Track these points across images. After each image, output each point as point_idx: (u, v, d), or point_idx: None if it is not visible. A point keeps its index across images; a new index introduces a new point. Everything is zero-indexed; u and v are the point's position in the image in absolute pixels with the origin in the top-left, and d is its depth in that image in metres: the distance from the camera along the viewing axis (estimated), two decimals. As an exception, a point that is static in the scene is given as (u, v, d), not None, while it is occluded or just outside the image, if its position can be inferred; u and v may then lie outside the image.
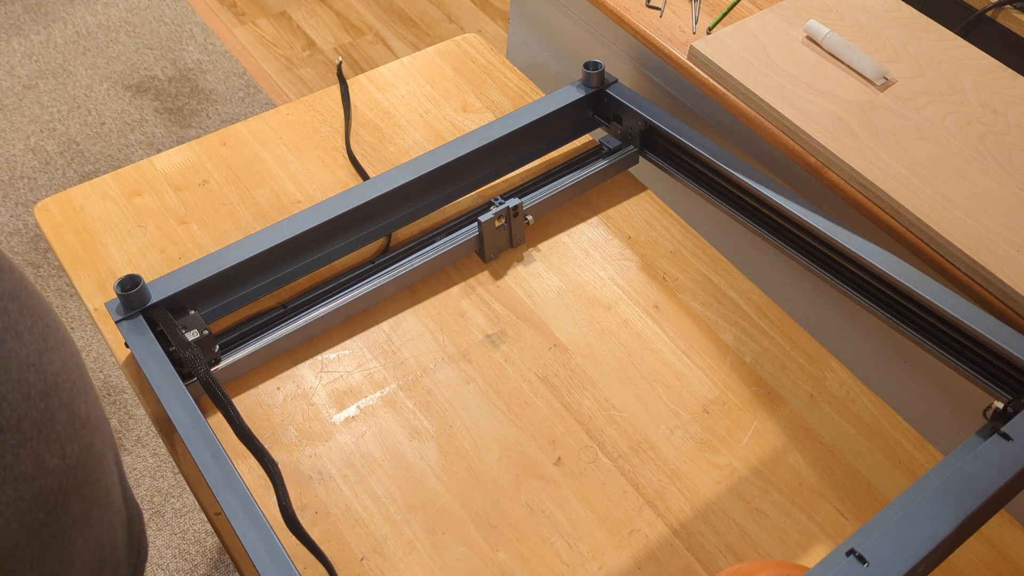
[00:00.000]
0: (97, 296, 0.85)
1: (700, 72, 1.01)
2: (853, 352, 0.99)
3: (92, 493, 0.47)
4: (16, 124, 2.02)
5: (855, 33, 1.03)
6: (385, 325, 0.85)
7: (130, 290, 0.75)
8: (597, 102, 0.97)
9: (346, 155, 0.99)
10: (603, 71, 0.95)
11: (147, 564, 1.42)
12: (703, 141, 0.89)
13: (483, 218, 0.86)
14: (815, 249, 0.84)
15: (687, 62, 1.02)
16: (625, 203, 0.96)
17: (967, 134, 0.92)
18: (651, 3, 1.09)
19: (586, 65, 0.95)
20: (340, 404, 0.79)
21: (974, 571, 0.71)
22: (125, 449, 1.53)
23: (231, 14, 2.34)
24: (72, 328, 1.68)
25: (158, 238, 0.90)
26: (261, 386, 0.80)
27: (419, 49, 1.34)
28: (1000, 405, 0.71)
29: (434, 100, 1.05)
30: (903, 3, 1.07)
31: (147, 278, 0.86)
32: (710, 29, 1.06)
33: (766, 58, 1.00)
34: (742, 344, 0.85)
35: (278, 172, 0.97)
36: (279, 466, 0.67)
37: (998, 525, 0.74)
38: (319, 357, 0.82)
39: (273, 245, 0.81)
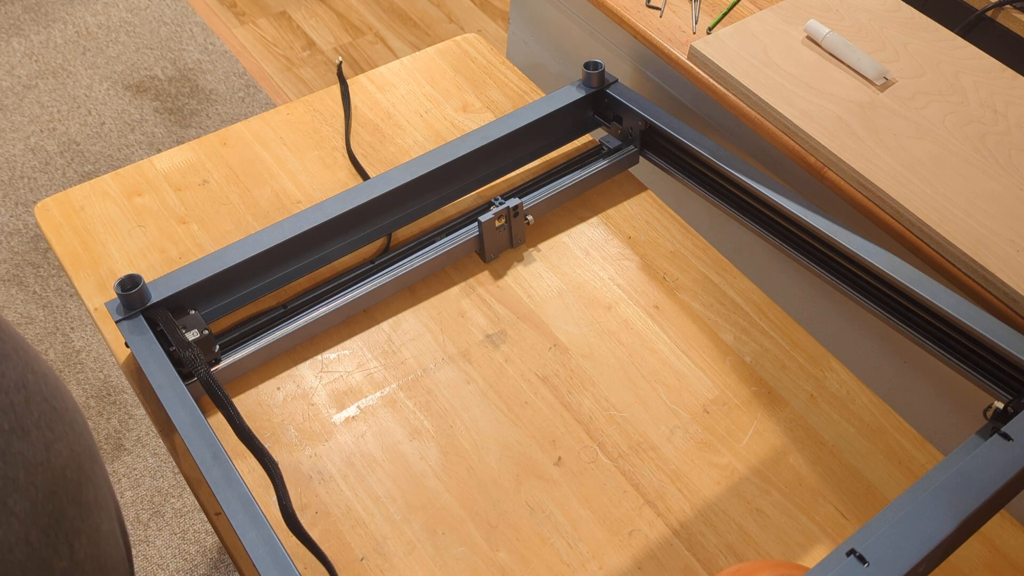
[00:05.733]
0: (97, 296, 0.85)
1: (700, 72, 1.01)
2: (853, 352, 0.99)
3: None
4: (16, 124, 2.02)
5: (855, 33, 1.03)
6: (385, 325, 0.85)
7: (130, 290, 0.75)
8: (597, 102, 0.97)
9: (346, 155, 0.99)
10: (603, 71, 0.95)
11: (147, 564, 1.42)
12: (703, 141, 0.89)
13: (483, 218, 0.86)
14: (815, 249, 0.84)
15: (687, 62, 1.02)
16: (625, 203, 0.96)
17: (967, 134, 0.92)
18: (651, 3, 1.09)
19: (586, 65, 0.95)
20: (340, 404, 0.79)
21: (974, 571, 0.71)
22: (125, 449, 1.53)
23: (231, 14, 2.34)
24: (72, 328, 1.68)
25: (158, 238, 0.90)
26: (261, 386, 0.80)
27: (419, 49, 1.34)
28: (1000, 405, 0.71)
29: (434, 100, 1.05)
30: (903, 3, 1.07)
31: (147, 278, 0.86)
32: (710, 29, 1.06)
33: (766, 58, 1.00)
34: (742, 344, 0.85)
35: (278, 172, 0.97)
36: (279, 466, 0.67)
37: (998, 525, 0.74)
38: (319, 357, 0.82)
39: (273, 245, 0.81)
